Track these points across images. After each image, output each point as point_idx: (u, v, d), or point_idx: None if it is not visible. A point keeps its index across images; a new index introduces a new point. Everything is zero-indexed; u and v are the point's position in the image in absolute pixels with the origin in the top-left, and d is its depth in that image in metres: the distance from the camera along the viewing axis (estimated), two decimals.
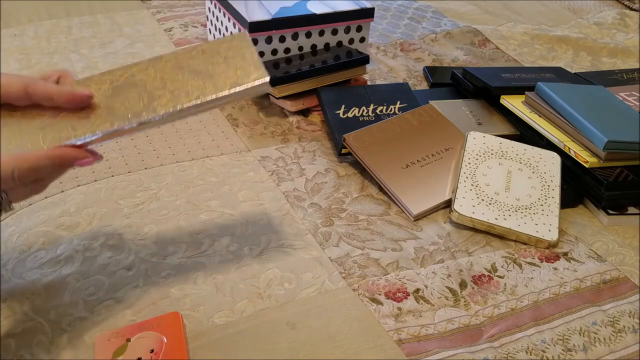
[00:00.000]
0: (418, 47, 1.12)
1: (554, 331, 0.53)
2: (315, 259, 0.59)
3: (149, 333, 0.49)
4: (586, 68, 1.08)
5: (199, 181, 0.70)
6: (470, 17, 1.28)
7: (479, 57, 1.10)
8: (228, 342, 0.50)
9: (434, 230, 0.65)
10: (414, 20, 1.25)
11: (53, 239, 0.60)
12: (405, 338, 0.51)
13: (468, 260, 0.61)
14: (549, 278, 0.59)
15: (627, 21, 1.28)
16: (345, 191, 0.70)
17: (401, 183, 0.69)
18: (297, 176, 0.72)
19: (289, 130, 0.82)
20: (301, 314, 0.53)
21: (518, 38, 1.18)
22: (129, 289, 0.55)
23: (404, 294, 0.56)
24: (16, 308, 0.52)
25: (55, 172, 0.46)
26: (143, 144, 0.77)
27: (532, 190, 0.67)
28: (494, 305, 0.56)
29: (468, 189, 0.67)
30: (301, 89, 0.84)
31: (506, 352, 0.51)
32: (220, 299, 0.54)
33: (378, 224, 0.65)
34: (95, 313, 0.52)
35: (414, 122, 0.77)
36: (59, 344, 0.49)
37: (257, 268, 0.58)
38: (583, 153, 0.69)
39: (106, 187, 0.68)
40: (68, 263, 0.57)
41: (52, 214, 0.63)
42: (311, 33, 0.93)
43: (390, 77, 1.01)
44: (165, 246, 0.60)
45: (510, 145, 0.72)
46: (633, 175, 0.68)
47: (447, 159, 0.73)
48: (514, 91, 0.82)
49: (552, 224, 0.64)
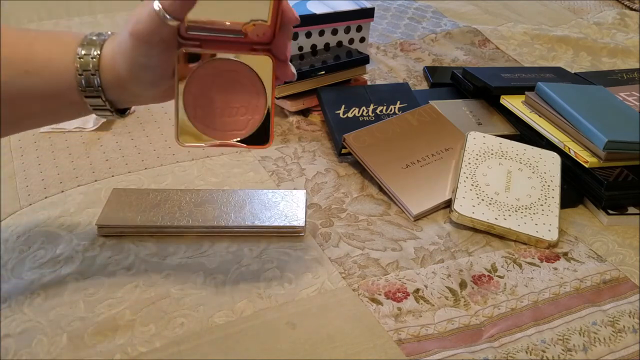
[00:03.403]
0: (418, 47, 1.12)
1: (554, 331, 0.53)
2: (315, 259, 0.59)
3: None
4: (586, 68, 1.08)
5: (199, 181, 0.70)
6: (470, 17, 1.29)
7: (479, 57, 1.10)
8: (228, 342, 0.50)
9: (434, 230, 0.65)
10: (414, 20, 1.25)
11: (53, 239, 0.60)
12: (405, 338, 0.51)
13: (468, 260, 0.61)
14: (549, 278, 0.59)
15: (627, 21, 1.29)
16: (345, 191, 0.70)
17: (401, 183, 0.69)
18: (297, 176, 0.72)
19: (289, 130, 0.82)
20: (301, 314, 0.53)
21: (518, 38, 1.18)
22: (129, 289, 0.55)
23: (403, 294, 0.56)
24: (16, 308, 0.52)
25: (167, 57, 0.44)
26: (143, 144, 0.77)
27: (532, 190, 0.67)
28: (494, 305, 0.56)
29: (468, 189, 0.67)
30: (301, 89, 0.84)
31: (506, 352, 0.51)
32: (220, 299, 0.54)
33: (378, 224, 0.65)
34: (95, 313, 0.52)
35: (414, 122, 0.77)
36: (59, 344, 0.49)
37: (257, 268, 0.58)
38: (583, 153, 0.69)
39: (106, 187, 0.68)
40: (68, 263, 0.57)
41: (52, 214, 0.63)
42: (311, 33, 0.93)
43: (390, 77, 1.01)
44: (165, 246, 0.60)
45: (510, 145, 0.72)
46: (633, 175, 0.68)
47: (447, 159, 0.73)
48: (514, 91, 0.82)
49: (552, 224, 0.64)
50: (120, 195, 0.64)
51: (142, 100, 0.48)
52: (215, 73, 0.46)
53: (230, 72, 0.46)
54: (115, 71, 0.44)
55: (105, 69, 0.44)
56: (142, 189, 0.65)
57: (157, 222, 0.60)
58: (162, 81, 0.45)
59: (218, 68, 0.46)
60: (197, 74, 0.45)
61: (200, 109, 0.46)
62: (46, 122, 0.49)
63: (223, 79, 0.46)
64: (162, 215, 0.61)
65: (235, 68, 0.46)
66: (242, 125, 0.48)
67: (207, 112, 0.47)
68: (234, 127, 0.47)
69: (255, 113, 0.47)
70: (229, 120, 0.47)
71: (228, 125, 0.47)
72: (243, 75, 0.46)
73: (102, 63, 0.44)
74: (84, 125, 0.79)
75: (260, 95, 0.47)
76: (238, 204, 0.63)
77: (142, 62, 0.43)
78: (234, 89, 0.46)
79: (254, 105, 0.47)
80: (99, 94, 0.44)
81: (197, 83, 0.46)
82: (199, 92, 0.46)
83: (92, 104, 0.45)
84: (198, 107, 0.46)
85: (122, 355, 0.48)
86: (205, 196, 0.64)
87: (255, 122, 0.47)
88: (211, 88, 0.46)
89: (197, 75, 0.45)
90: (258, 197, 0.64)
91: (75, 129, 0.78)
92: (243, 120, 0.47)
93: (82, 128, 0.79)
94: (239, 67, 0.46)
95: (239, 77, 0.46)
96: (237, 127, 0.47)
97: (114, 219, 0.61)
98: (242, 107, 0.47)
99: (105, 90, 0.45)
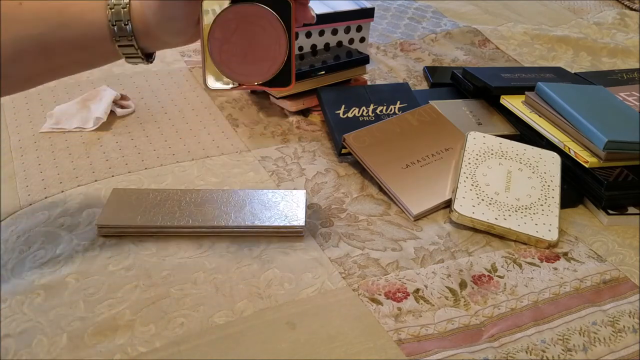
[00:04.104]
0: (418, 47, 1.12)
1: (554, 331, 0.53)
2: (315, 259, 0.59)
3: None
4: (586, 68, 1.08)
5: (199, 181, 0.70)
6: (470, 17, 1.29)
7: (479, 57, 1.10)
8: (228, 342, 0.50)
9: (434, 230, 0.65)
10: (414, 20, 1.25)
11: (53, 239, 0.60)
12: (405, 338, 0.51)
13: (468, 260, 0.61)
14: (549, 278, 0.59)
15: (627, 21, 1.29)
16: (345, 191, 0.70)
17: (401, 183, 0.69)
18: (297, 176, 0.72)
19: (289, 130, 0.82)
20: (301, 314, 0.53)
21: (518, 38, 1.18)
22: (129, 289, 0.55)
23: (403, 294, 0.56)
24: (16, 308, 0.52)
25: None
26: (143, 144, 0.77)
27: (532, 190, 0.67)
28: (493, 305, 0.56)
29: (468, 189, 0.67)
30: (301, 89, 0.84)
31: (506, 352, 0.51)
32: (220, 299, 0.54)
33: (378, 224, 0.65)
34: (95, 313, 0.52)
35: (414, 122, 0.77)
36: (59, 344, 0.49)
37: (257, 268, 0.58)
38: (583, 153, 0.69)
39: (106, 187, 0.68)
40: (68, 263, 0.57)
41: (52, 214, 0.63)
42: (311, 33, 0.93)
43: (390, 77, 1.01)
44: (165, 246, 0.60)
45: (510, 145, 0.72)
46: (633, 175, 0.68)
47: (447, 159, 0.73)
48: (514, 91, 0.82)
49: (552, 224, 0.64)
50: (120, 195, 0.64)
51: (170, 45, 0.51)
52: (237, 18, 0.48)
53: (252, 16, 0.48)
54: (145, 21, 0.47)
55: (136, 18, 0.47)
56: (142, 189, 0.65)
57: (157, 222, 0.60)
58: (188, 29, 0.48)
59: (240, 13, 0.48)
60: (221, 19, 0.48)
61: (225, 53, 0.49)
62: (79, 70, 0.52)
63: (245, 23, 0.48)
64: (162, 215, 0.61)
65: (257, 12, 0.48)
66: (265, 68, 0.50)
67: (231, 56, 0.49)
68: (258, 69, 0.50)
69: (277, 55, 0.50)
70: (253, 63, 0.50)
71: (252, 68, 0.50)
72: (264, 19, 0.48)
73: (132, 12, 0.46)
74: (84, 125, 0.79)
75: (281, 38, 0.49)
76: (238, 204, 0.63)
77: (170, 14, 0.46)
78: (256, 32, 0.49)
79: (275, 48, 0.49)
80: (132, 42, 0.47)
81: (221, 28, 0.48)
82: (223, 37, 0.49)
83: (124, 52, 0.49)
84: (223, 51, 0.49)
85: (122, 355, 0.48)
86: (205, 196, 0.64)
87: (278, 64, 0.50)
88: (234, 32, 0.49)
89: (221, 20, 0.48)
90: (258, 197, 0.64)
91: (76, 129, 0.78)
92: (266, 63, 0.50)
93: (82, 128, 0.79)
94: (260, 11, 0.48)
95: (260, 21, 0.48)
96: (261, 69, 0.50)
97: (114, 219, 0.61)
98: (265, 49, 0.49)
99: (136, 38, 0.47)
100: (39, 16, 0.45)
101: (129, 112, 0.83)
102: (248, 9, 0.48)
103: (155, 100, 0.87)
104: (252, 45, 0.49)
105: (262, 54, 0.50)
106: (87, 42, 0.47)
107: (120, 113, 0.82)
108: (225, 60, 0.49)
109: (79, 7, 0.46)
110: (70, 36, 0.46)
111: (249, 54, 0.49)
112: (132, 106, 0.84)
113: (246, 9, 0.48)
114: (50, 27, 0.46)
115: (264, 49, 0.49)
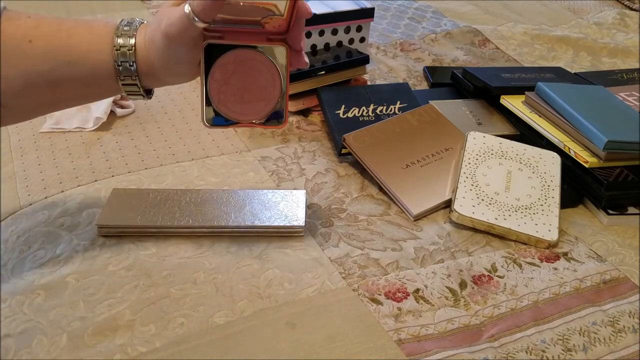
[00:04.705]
0: (418, 47, 1.12)
1: (554, 331, 0.53)
2: (315, 259, 0.59)
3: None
4: (586, 68, 1.08)
5: (199, 181, 0.70)
6: (470, 17, 1.29)
7: (479, 57, 1.10)
8: (228, 342, 0.50)
9: (434, 230, 0.65)
10: (414, 20, 1.25)
11: (53, 239, 0.60)
12: (405, 338, 0.51)
13: (468, 260, 0.61)
14: (549, 278, 0.59)
15: (627, 21, 1.28)
16: (345, 191, 0.70)
17: (401, 183, 0.69)
18: (297, 176, 0.72)
19: (289, 130, 0.82)
20: (301, 314, 0.53)
21: (518, 38, 1.18)
22: (129, 289, 0.55)
23: (403, 294, 0.56)
24: (16, 308, 0.52)
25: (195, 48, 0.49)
26: (143, 144, 0.77)
27: (532, 190, 0.67)
28: (493, 305, 0.56)
29: (468, 189, 0.67)
30: (301, 89, 0.84)
31: (506, 352, 0.51)
32: (220, 299, 0.54)
33: (378, 224, 0.65)
34: (95, 313, 0.52)
35: (414, 122, 0.77)
36: (59, 344, 0.49)
37: (257, 268, 0.58)
38: (583, 153, 0.69)
39: (106, 187, 0.68)
40: (68, 263, 0.57)
41: (52, 214, 0.63)
42: (311, 33, 0.93)
43: (390, 77, 1.01)
44: (165, 246, 0.60)
45: (510, 145, 0.72)
46: (633, 175, 0.68)
47: (447, 159, 0.73)
48: (514, 91, 0.82)
49: (552, 224, 0.64)
50: (120, 195, 0.64)
51: (170, 84, 0.54)
52: (236, 61, 0.51)
53: (249, 60, 0.51)
54: (149, 63, 0.50)
55: (140, 60, 0.49)
56: (142, 189, 0.65)
57: (157, 222, 0.60)
58: (190, 71, 0.51)
59: (239, 57, 0.51)
60: (220, 62, 0.51)
61: (223, 94, 0.52)
62: (82, 102, 0.54)
63: (243, 66, 0.51)
64: (162, 215, 0.61)
65: (254, 57, 0.51)
66: (261, 108, 0.53)
67: (229, 96, 0.52)
68: (254, 109, 0.53)
69: (272, 96, 0.53)
70: (249, 103, 0.53)
71: (248, 107, 0.53)
72: (261, 63, 0.51)
73: (136, 54, 0.49)
74: (84, 125, 0.79)
75: (276, 81, 0.52)
76: (238, 204, 0.63)
77: (174, 58, 0.49)
78: (253, 75, 0.52)
79: (270, 90, 0.53)
80: (135, 81, 0.50)
81: (220, 71, 0.51)
82: (222, 79, 0.51)
83: (127, 90, 0.51)
84: (221, 92, 0.52)
85: (122, 355, 0.48)
86: (205, 196, 0.64)
87: (272, 104, 0.53)
88: (232, 75, 0.51)
89: (220, 63, 0.51)
90: (258, 197, 0.64)
91: (76, 129, 0.78)
92: (262, 103, 0.53)
93: (82, 128, 0.79)
94: (257, 56, 0.51)
95: (257, 65, 0.51)
96: (257, 109, 0.53)
97: (114, 219, 0.61)
98: (260, 91, 0.52)
99: (140, 77, 0.50)
100: (48, 54, 0.48)
101: (129, 112, 0.83)
102: (246, 54, 0.51)
103: (155, 100, 0.87)
104: (248, 87, 0.52)
105: (258, 95, 0.53)
106: (92, 79, 0.50)
107: (120, 113, 0.82)
108: (223, 100, 0.52)
109: (87, 46, 0.48)
110: (77, 73, 0.49)
111: (245, 94, 0.52)
112: (132, 106, 0.84)
113: (245, 54, 0.51)
114: (59, 64, 0.48)
115: (259, 90, 0.52)
